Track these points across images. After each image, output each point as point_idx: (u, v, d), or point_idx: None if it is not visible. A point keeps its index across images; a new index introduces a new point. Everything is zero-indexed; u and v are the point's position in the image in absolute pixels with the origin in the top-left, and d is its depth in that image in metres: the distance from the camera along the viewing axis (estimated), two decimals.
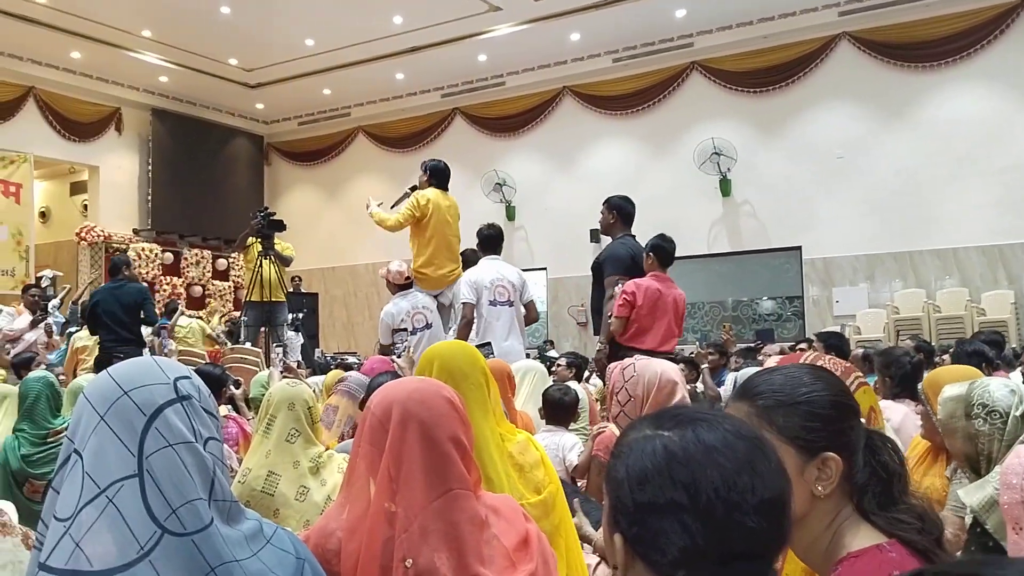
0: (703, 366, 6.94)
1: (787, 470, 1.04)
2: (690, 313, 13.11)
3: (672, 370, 2.77)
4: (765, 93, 12.60)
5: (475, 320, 5.73)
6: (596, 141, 13.88)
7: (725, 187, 12.62)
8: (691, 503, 0.95)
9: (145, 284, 10.10)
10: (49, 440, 3.92)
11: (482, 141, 14.86)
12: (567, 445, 3.99)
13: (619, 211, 5.53)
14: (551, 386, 4.52)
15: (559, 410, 4.22)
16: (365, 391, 3.44)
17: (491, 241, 6.06)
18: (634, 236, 5.47)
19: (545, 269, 14.12)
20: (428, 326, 6.00)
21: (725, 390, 6.23)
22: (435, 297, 6.25)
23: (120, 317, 7.26)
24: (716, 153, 12.38)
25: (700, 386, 6.62)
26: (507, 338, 5.76)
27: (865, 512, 1.30)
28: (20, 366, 5.90)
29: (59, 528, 1.08)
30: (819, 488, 1.28)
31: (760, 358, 6.34)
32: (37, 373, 4.32)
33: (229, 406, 4.63)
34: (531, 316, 6.07)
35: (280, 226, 8.30)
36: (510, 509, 1.65)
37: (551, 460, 2.34)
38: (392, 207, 6.47)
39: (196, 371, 3.82)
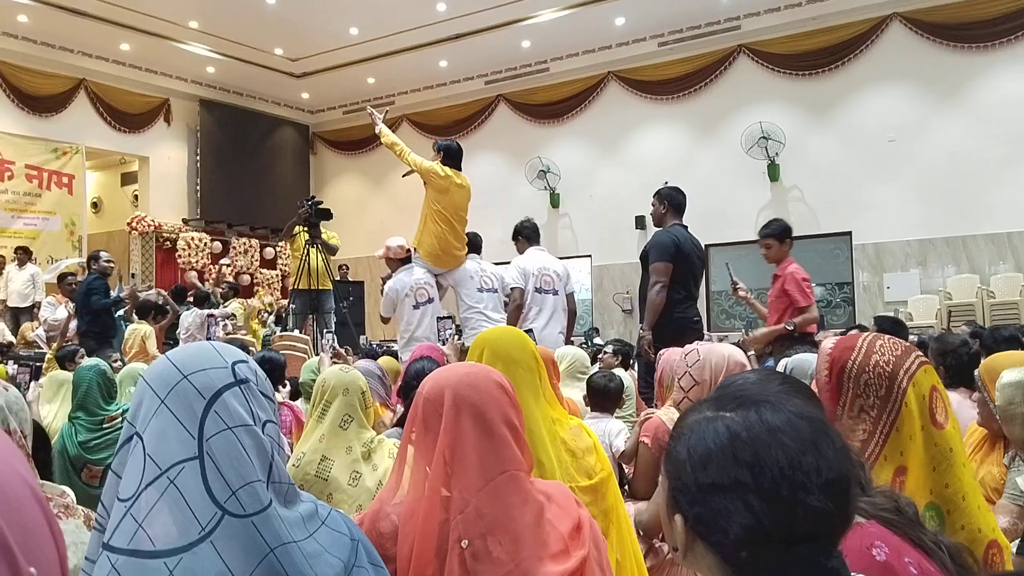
0: (749, 353, 6.88)
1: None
2: (736, 300, 12.98)
3: (739, 354, 2.74)
4: (814, 76, 12.39)
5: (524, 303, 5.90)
6: (641, 127, 13.77)
7: (773, 172, 12.45)
8: (755, 483, 0.95)
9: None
10: (105, 426, 3.99)
11: (526, 128, 14.82)
12: (613, 431, 3.99)
13: (670, 201, 5.60)
14: (596, 372, 4.52)
15: (604, 397, 4.21)
16: (403, 375, 3.44)
17: (535, 232, 6.32)
18: (685, 226, 5.52)
19: (589, 256, 14.05)
20: (430, 300, 6.16)
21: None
22: (435, 276, 6.34)
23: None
24: (764, 137, 12.20)
25: None
26: (547, 325, 5.95)
27: None
28: (64, 359, 6.01)
29: (121, 508, 1.10)
30: None
31: (818, 338, 6.26)
32: (89, 361, 4.40)
33: (286, 391, 4.68)
34: (570, 307, 6.25)
35: (327, 215, 8.36)
36: (563, 495, 1.66)
37: None
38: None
39: (261, 357, 3.87)
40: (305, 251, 8.24)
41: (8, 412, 1.79)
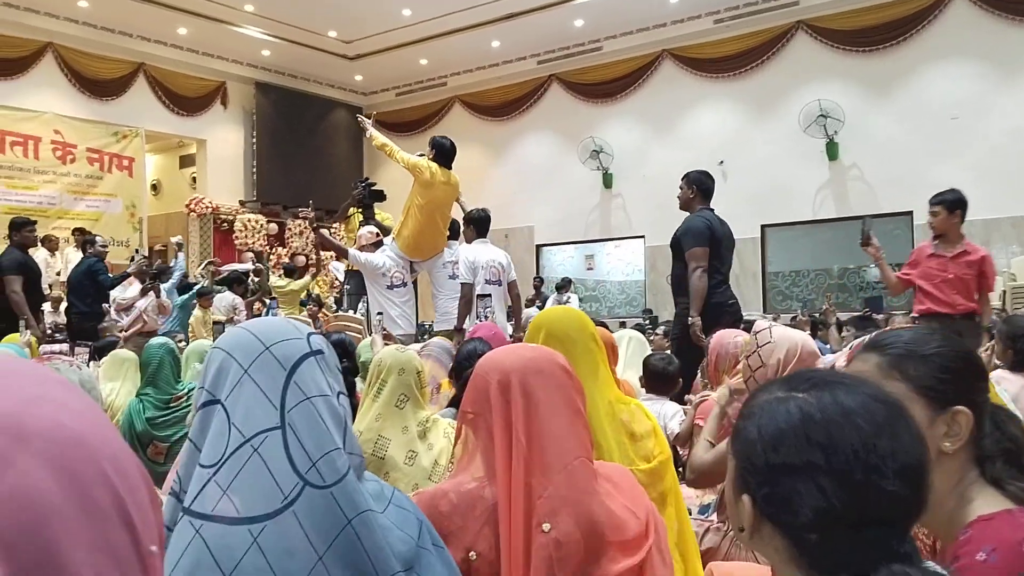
0: (832, 321, 6.87)
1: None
2: (794, 281, 12.84)
3: (812, 343, 2.71)
4: (875, 52, 12.08)
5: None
6: (696, 105, 13.58)
7: (832, 151, 12.19)
8: (828, 465, 0.94)
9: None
10: (171, 404, 4.07)
11: (578, 108, 14.71)
12: (668, 414, 3.99)
13: (699, 185, 5.59)
14: (653, 354, 4.51)
15: (661, 379, 4.20)
16: (455, 356, 3.45)
17: (484, 224, 6.52)
18: (712, 209, 5.46)
19: (643, 237, 13.93)
20: (404, 284, 6.56)
21: (824, 362, 6.09)
22: (410, 262, 6.65)
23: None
24: (823, 116, 11.96)
25: None
26: (498, 312, 6.20)
27: (992, 479, 1.26)
28: (104, 349, 6.04)
29: (204, 474, 1.12)
30: (947, 444, 1.25)
31: (887, 325, 6.20)
32: (158, 340, 4.47)
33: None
34: (513, 293, 6.55)
35: (380, 196, 8.38)
36: (626, 479, 1.66)
37: None
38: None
39: (334, 341, 3.91)
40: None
41: (84, 391, 1.83)
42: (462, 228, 6.75)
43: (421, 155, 6.71)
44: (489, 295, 6.14)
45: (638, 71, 14.04)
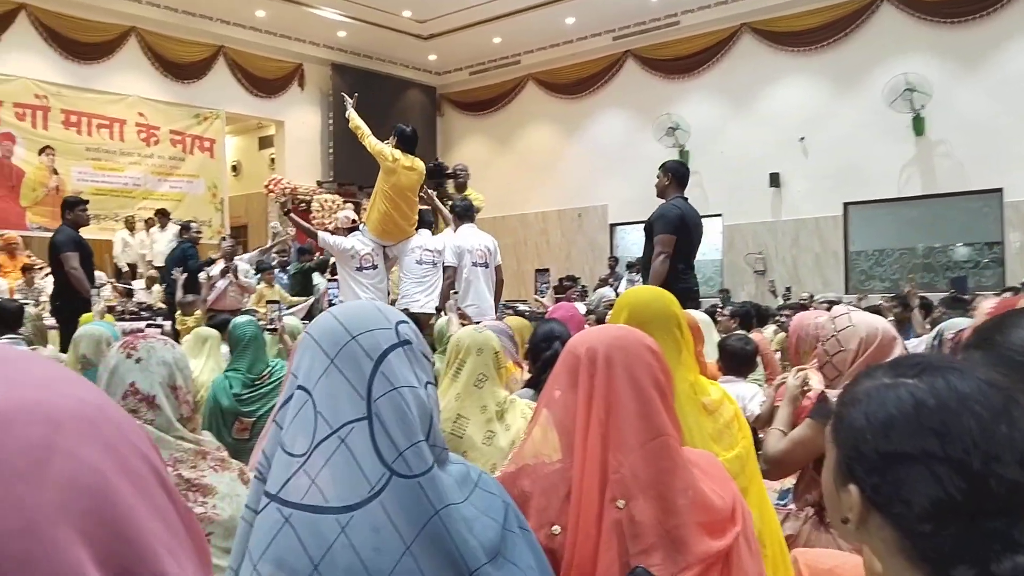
0: (888, 319, 6.61)
1: None
2: (877, 260, 12.48)
3: (892, 329, 2.64)
4: (964, 23, 11.61)
5: (458, 279, 6.59)
6: (776, 80, 13.26)
7: (918, 126, 11.78)
8: (944, 453, 0.89)
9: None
10: (258, 381, 4.15)
11: (654, 84, 14.51)
12: (748, 395, 3.95)
13: (674, 174, 5.79)
14: (730, 335, 4.45)
15: (739, 360, 4.15)
16: (532, 337, 3.43)
17: (469, 211, 6.90)
18: (686, 198, 5.70)
19: (720, 215, 13.72)
20: (374, 267, 6.91)
21: (912, 345, 5.90)
22: (382, 247, 6.98)
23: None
24: (909, 89, 11.56)
25: None
26: (483, 294, 6.62)
27: None
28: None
29: (292, 463, 1.12)
30: None
31: (973, 304, 5.95)
32: (245, 317, 4.55)
33: None
34: (498, 278, 6.92)
35: (436, 173, 8.46)
36: (713, 466, 1.63)
37: None
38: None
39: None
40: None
41: (176, 369, 1.88)
42: (451, 217, 7.11)
43: (387, 142, 7.05)
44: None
45: (716, 46, 13.78)
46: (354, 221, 7.51)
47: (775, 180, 12.90)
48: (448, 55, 16.51)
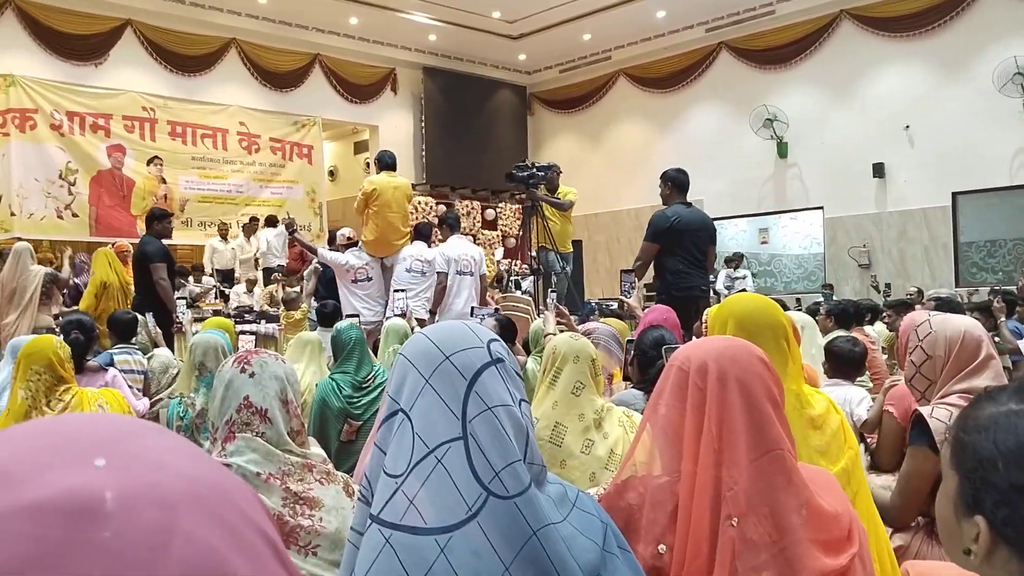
0: (1001, 319, 6.28)
1: None
2: (989, 252, 11.92)
3: (975, 326, 2.54)
4: None
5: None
6: (878, 67, 12.79)
7: None
8: None
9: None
10: (364, 384, 4.25)
11: (750, 75, 14.19)
12: (854, 399, 3.85)
13: (673, 182, 6.06)
14: (837, 337, 4.31)
15: (847, 363, 4.03)
16: (637, 344, 3.38)
17: (455, 223, 7.80)
18: (689, 203, 6.04)
19: (821, 208, 13.34)
20: (369, 279, 7.56)
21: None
22: (380, 259, 7.67)
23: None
24: (1019, 73, 11.00)
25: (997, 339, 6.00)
26: (466, 302, 7.25)
27: None
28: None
29: (391, 484, 1.14)
30: None
31: None
32: (347, 322, 4.69)
33: None
34: (482, 286, 7.66)
35: (510, 177, 8.55)
36: (829, 483, 1.59)
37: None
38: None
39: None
40: (527, 215, 8.38)
41: (287, 383, 1.94)
42: (440, 229, 7.92)
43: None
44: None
45: (814, 34, 13.39)
46: (350, 238, 8.27)
47: (879, 170, 12.47)
48: (538, 54, 16.51)
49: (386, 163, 7.92)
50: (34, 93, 11.40)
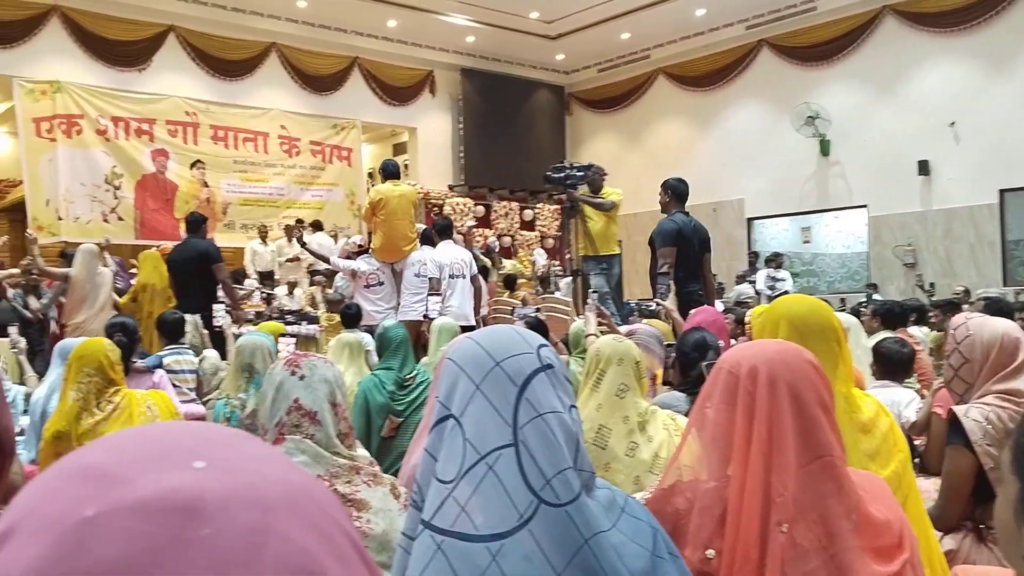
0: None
1: None
2: None
3: (1013, 328, 2.52)
4: None
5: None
6: (922, 63, 12.58)
7: None
8: None
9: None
10: (407, 382, 4.32)
11: (791, 72, 14.03)
12: (903, 401, 3.81)
13: (673, 191, 6.31)
14: (887, 338, 4.27)
15: (895, 364, 3.98)
16: (678, 346, 3.36)
17: (447, 230, 8.15)
18: (687, 212, 6.29)
19: (865, 207, 13.15)
20: (381, 284, 7.90)
21: None
22: (390, 264, 7.98)
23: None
24: None
25: None
26: (461, 304, 7.64)
27: None
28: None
29: (442, 490, 1.14)
30: None
31: None
32: (392, 320, 4.74)
33: None
34: (476, 286, 8.01)
35: (553, 181, 8.65)
36: (880, 489, 1.57)
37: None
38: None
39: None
40: (567, 216, 8.46)
41: (335, 387, 1.97)
42: (432, 236, 8.15)
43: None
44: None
45: (857, 30, 13.20)
46: (360, 245, 8.76)
47: (924, 168, 12.26)
48: (576, 53, 16.46)
49: (390, 172, 8.19)
50: (80, 99, 11.61)
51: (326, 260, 8.52)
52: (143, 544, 0.42)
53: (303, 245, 8.87)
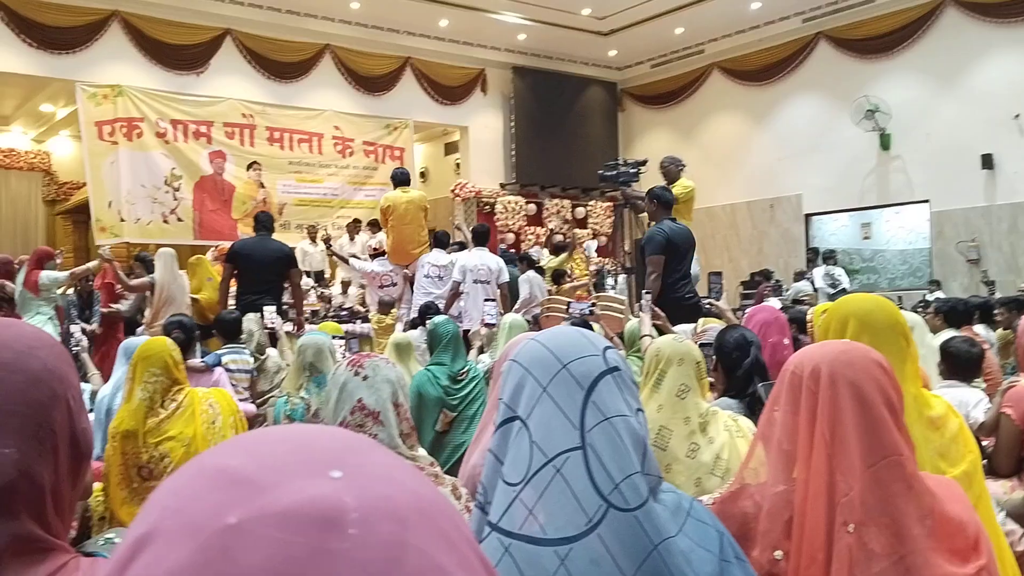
0: None
1: None
2: None
3: None
4: None
5: (461, 292, 7.87)
6: (986, 54, 12.23)
7: None
8: None
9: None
10: (459, 378, 4.40)
11: (850, 65, 13.74)
12: (971, 401, 3.74)
13: (659, 200, 6.50)
14: (955, 337, 4.17)
15: (964, 364, 3.91)
16: (717, 348, 3.30)
17: (482, 236, 8.25)
18: (674, 219, 6.50)
19: (927, 202, 12.83)
20: (393, 284, 8.58)
21: None
22: (403, 267, 8.59)
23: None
24: None
25: None
26: (474, 307, 7.72)
27: None
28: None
29: (510, 492, 1.14)
30: None
31: None
32: (443, 317, 4.81)
33: None
34: (503, 292, 8.13)
35: (607, 179, 8.90)
36: (955, 493, 1.54)
37: None
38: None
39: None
40: (619, 213, 8.47)
41: (398, 387, 1.98)
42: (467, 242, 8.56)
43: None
44: (494, 300, 7.55)
45: (917, 21, 12.89)
46: (376, 248, 9.32)
47: (988, 162, 11.92)
48: (629, 49, 16.33)
49: (399, 180, 8.69)
50: (140, 102, 11.85)
51: (347, 262, 9.09)
52: (286, 554, 0.42)
53: (328, 247, 9.29)
